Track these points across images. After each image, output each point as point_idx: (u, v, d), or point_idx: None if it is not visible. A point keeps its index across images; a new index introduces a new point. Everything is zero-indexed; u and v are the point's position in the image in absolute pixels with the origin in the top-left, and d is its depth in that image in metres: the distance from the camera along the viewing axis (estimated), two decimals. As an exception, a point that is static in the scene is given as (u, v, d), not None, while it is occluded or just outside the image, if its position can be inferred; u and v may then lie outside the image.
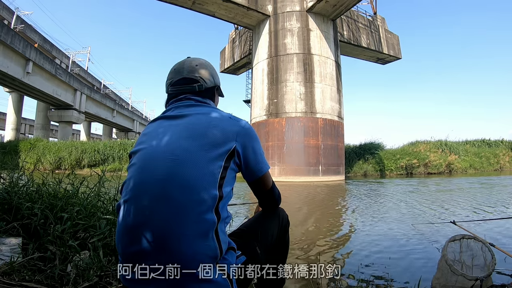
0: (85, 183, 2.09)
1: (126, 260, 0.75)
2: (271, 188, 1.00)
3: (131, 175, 0.81)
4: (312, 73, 11.26)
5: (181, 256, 0.70)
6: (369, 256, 2.14)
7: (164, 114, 0.91)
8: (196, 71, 0.95)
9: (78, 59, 33.47)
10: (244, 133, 0.86)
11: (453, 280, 1.36)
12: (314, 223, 3.53)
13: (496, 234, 2.70)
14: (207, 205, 0.74)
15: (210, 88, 0.97)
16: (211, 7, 11.41)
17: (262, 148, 0.93)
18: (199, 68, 0.96)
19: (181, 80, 0.94)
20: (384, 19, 16.40)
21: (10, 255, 1.24)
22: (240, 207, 4.10)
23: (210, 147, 0.79)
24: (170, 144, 0.79)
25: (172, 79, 0.96)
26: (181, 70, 0.95)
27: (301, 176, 10.70)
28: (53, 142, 17.09)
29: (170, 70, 0.98)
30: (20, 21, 22.34)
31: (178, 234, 0.71)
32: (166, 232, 0.71)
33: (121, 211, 0.79)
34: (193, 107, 0.90)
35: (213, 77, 0.98)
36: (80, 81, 24.69)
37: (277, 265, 1.15)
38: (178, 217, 0.72)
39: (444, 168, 15.68)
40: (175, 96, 0.95)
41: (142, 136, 0.88)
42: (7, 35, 14.53)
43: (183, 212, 0.72)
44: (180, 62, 0.98)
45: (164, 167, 0.75)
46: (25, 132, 34.18)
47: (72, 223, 1.49)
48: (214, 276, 0.72)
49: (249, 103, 14.73)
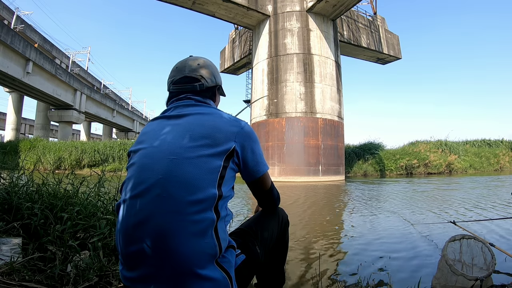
0: (85, 183, 2.09)
1: (126, 259, 0.75)
2: (270, 189, 1.00)
3: (130, 175, 0.81)
4: (312, 73, 11.27)
5: (180, 254, 0.70)
6: (369, 256, 2.14)
7: (164, 114, 0.92)
8: (197, 70, 0.95)
9: (78, 59, 33.53)
10: (243, 134, 0.86)
11: (453, 280, 1.36)
12: (314, 223, 3.53)
13: (496, 234, 2.70)
14: (206, 204, 0.74)
15: (211, 87, 0.97)
16: (211, 7, 11.42)
17: (261, 149, 0.93)
18: (200, 67, 0.96)
19: (182, 78, 0.95)
20: (384, 19, 16.40)
21: (10, 255, 1.24)
22: (240, 207, 4.10)
23: (209, 147, 0.79)
24: (170, 143, 0.79)
25: (174, 77, 0.96)
26: (183, 69, 0.96)
27: (301, 176, 10.70)
28: (53, 142, 17.08)
29: (172, 68, 0.99)
30: (20, 21, 22.35)
31: (177, 232, 0.71)
32: (165, 230, 0.72)
33: (121, 210, 0.79)
34: (193, 106, 0.90)
35: (215, 76, 0.99)
36: (80, 81, 24.68)
37: (277, 264, 1.16)
38: (177, 216, 0.72)
39: (444, 168, 15.68)
40: (176, 94, 0.95)
41: (142, 135, 0.89)
42: (7, 35, 14.53)
43: (182, 211, 0.72)
44: (182, 60, 0.99)
45: (163, 167, 0.76)
46: (25, 132, 34.19)
47: (72, 223, 1.49)
48: (214, 274, 0.72)
49: (249, 103, 14.73)
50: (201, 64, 0.97)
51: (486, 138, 20.38)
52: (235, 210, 3.61)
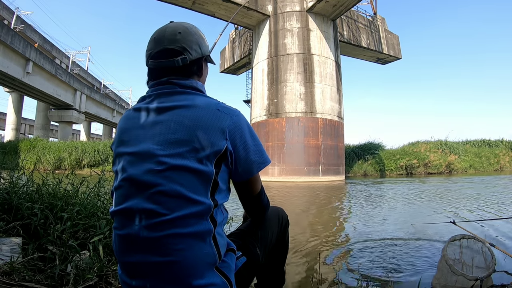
0: (85, 183, 2.09)
1: (124, 266, 0.74)
2: (258, 194, 0.88)
3: (118, 185, 0.75)
4: (312, 73, 11.26)
5: (178, 265, 0.68)
6: (369, 256, 2.14)
7: (145, 103, 0.80)
8: (179, 40, 0.80)
9: (78, 59, 33.54)
10: (234, 127, 0.76)
11: (453, 280, 1.36)
12: (314, 223, 3.53)
13: (496, 234, 2.70)
14: (200, 216, 0.70)
15: (196, 59, 0.83)
16: (211, 7, 11.42)
17: (256, 140, 0.82)
18: (183, 36, 0.80)
19: (162, 51, 0.80)
20: (384, 19, 16.40)
21: (10, 255, 1.24)
22: (240, 206, 4.09)
23: (197, 152, 0.71)
24: (155, 151, 0.72)
25: (151, 50, 0.81)
26: (162, 39, 0.80)
27: (301, 176, 10.70)
28: (53, 142, 17.08)
29: (150, 39, 0.83)
30: (20, 21, 22.34)
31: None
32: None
33: (115, 221, 0.76)
34: (177, 95, 0.79)
35: (200, 46, 0.83)
36: (80, 81, 24.69)
37: (277, 265, 1.15)
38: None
39: (444, 168, 15.68)
40: (156, 73, 0.82)
41: (123, 133, 0.79)
42: (7, 35, 14.52)
43: (177, 225, 0.69)
44: (160, 28, 0.83)
45: (152, 181, 0.70)
46: (25, 132, 34.17)
47: (72, 223, 1.49)
48: (213, 280, 0.71)
49: (249, 103, 14.73)
50: (184, 33, 0.81)
51: (486, 138, 20.38)
52: (235, 209, 3.60)
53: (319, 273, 1.68)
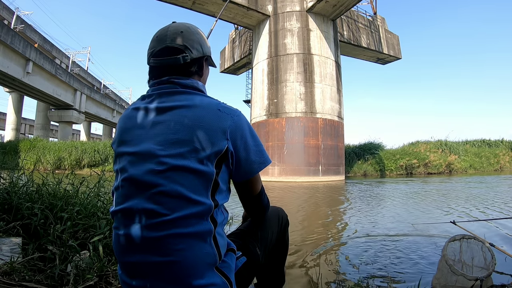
0: (85, 183, 2.09)
1: (124, 266, 0.74)
2: (259, 194, 0.89)
3: (119, 185, 0.75)
4: (312, 73, 11.27)
5: (179, 266, 0.68)
6: (368, 256, 2.14)
7: (145, 103, 0.80)
8: (181, 39, 0.81)
9: (78, 59, 33.55)
10: (235, 127, 0.76)
11: (453, 280, 1.36)
12: (314, 223, 3.53)
13: (496, 234, 2.70)
14: (201, 216, 0.71)
15: (197, 59, 0.84)
16: (211, 7, 11.42)
17: (256, 139, 0.82)
18: (184, 35, 0.82)
19: (163, 50, 0.81)
20: (384, 19, 16.40)
21: (10, 255, 1.24)
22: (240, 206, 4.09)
23: (197, 153, 0.71)
24: (156, 151, 0.72)
25: (153, 48, 0.82)
26: (164, 38, 0.81)
27: (301, 176, 10.70)
28: (53, 142, 17.07)
29: (152, 38, 0.84)
30: (20, 21, 22.34)
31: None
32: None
33: (115, 221, 0.76)
34: (178, 95, 0.79)
35: (202, 46, 0.85)
36: (80, 81, 24.70)
37: (277, 265, 1.15)
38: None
39: (444, 168, 15.68)
40: (157, 70, 0.83)
41: (124, 133, 0.79)
42: (7, 35, 14.53)
43: (178, 225, 0.69)
44: (163, 28, 0.85)
45: (152, 181, 0.70)
46: (25, 132, 34.19)
47: (72, 223, 1.49)
48: (213, 280, 0.71)
49: (249, 103, 14.73)
50: (185, 32, 0.82)
51: (486, 138, 20.41)
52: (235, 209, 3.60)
53: (319, 273, 1.68)
